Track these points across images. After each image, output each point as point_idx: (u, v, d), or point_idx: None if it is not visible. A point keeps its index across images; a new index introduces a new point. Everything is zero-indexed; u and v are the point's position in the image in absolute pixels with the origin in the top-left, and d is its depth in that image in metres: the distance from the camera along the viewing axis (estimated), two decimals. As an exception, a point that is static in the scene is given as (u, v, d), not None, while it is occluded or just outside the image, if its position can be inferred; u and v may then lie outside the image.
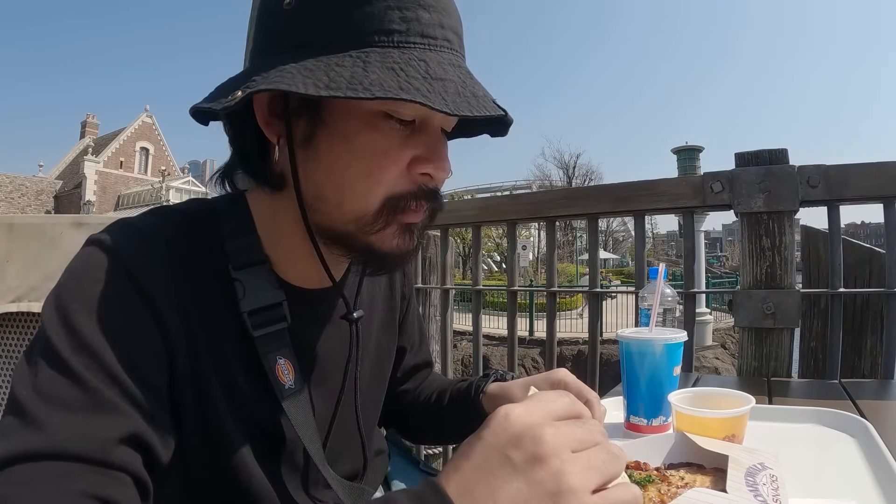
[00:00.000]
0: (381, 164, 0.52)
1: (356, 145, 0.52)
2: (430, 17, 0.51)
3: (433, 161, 0.54)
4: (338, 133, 0.52)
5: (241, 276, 0.55)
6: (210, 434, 0.53)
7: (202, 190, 39.16)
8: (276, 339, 0.56)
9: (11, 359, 1.48)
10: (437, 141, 0.55)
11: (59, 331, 0.45)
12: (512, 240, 1.92)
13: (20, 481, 0.39)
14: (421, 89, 0.47)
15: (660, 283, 0.86)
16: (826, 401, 0.96)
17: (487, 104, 0.51)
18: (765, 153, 1.45)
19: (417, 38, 0.50)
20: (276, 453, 0.58)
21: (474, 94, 0.50)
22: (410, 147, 0.53)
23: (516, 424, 0.37)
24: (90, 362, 0.44)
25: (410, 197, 0.54)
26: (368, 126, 0.51)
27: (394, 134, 0.52)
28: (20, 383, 0.44)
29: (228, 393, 0.54)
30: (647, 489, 0.51)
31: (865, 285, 1.74)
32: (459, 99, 0.48)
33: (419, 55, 0.49)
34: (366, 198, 0.53)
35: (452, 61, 0.52)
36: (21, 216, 1.69)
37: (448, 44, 0.52)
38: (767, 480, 0.50)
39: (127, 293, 0.48)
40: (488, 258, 25.20)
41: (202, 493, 0.55)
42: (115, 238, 0.51)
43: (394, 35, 0.49)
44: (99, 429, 0.42)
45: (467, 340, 9.58)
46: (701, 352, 10.41)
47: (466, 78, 0.52)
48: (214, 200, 0.61)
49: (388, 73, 0.47)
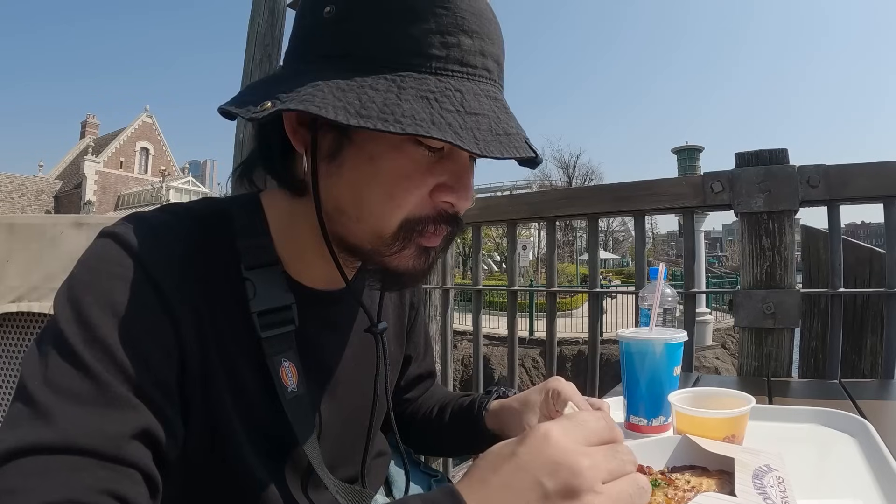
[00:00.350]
0: (405, 188, 0.51)
1: (381, 167, 0.51)
2: (472, 43, 0.50)
3: (457, 191, 0.53)
4: (364, 153, 0.51)
5: (252, 276, 0.55)
6: (214, 431, 0.53)
7: (202, 190, 39.20)
8: (283, 342, 0.56)
9: (11, 359, 1.48)
10: (464, 170, 0.54)
11: (71, 323, 0.45)
12: (512, 240, 1.92)
13: (31, 473, 0.39)
14: (454, 125, 0.46)
15: (660, 283, 0.86)
16: (826, 401, 0.96)
17: (519, 144, 0.50)
18: (765, 153, 1.45)
19: (456, 65, 0.49)
20: (278, 454, 0.58)
21: (507, 132, 0.49)
22: (436, 174, 0.52)
23: (554, 449, 0.36)
24: (102, 356, 0.44)
25: (429, 221, 0.53)
26: (396, 150, 0.51)
27: (421, 160, 0.51)
28: (31, 374, 0.44)
29: (234, 391, 0.54)
30: (653, 493, 0.50)
31: (865, 285, 1.74)
32: (491, 137, 0.47)
33: (456, 85, 0.48)
34: (385, 219, 0.52)
35: (489, 93, 0.51)
36: (21, 216, 1.69)
37: (487, 74, 0.51)
38: (775, 482, 0.50)
39: (140, 288, 0.48)
40: (488, 258, 25.19)
41: (204, 491, 0.55)
42: (130, 232, 0.50)
43: (432, 61, 0.48)
44: (110, 424, 0.42)
45: (467, 340, 9.58)
46: (701, 352, 10.40)
47: (501, 112, 0.50)
48: (227, 200, 0.61)
49: (422, 104, 0.46)
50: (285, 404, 0.55)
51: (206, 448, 0.53)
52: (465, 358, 9.99)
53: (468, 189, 0.54)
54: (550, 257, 1.89)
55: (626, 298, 10.52)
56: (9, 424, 0.42)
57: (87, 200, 33.76)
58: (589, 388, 1.67)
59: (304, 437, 0.56)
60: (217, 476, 0.55)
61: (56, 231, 1.43)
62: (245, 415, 0.55)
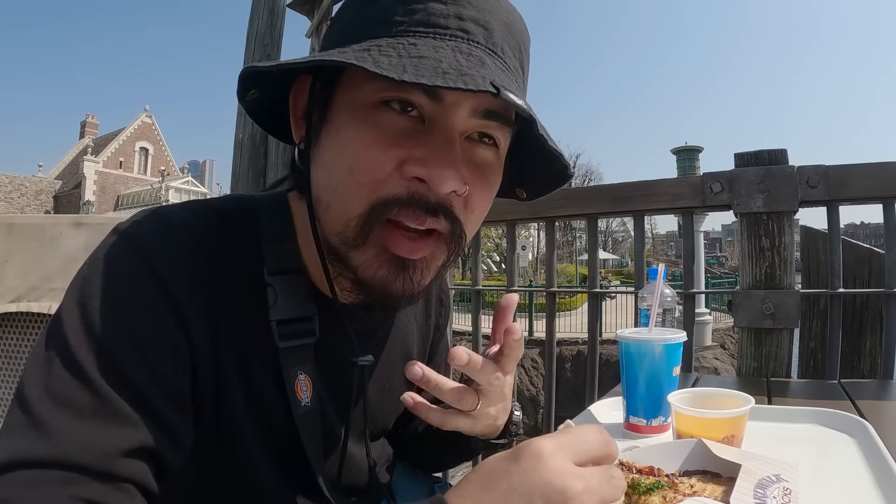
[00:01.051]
0: (364, 157, 0.46)
1: (344, 138, 0.48)
2: (445, 8, 0.47)
3: (430, 164, 0.46)
4: (333, 126, 0.49)
5: (274, 282, 0.52)
6: (226, 437, 0.52)
7: (202, 190, 39.18)
8: (301, 354, 0.54)
9: (11, 359, 1.48)
10: (447, 143, 0.47)
11: (77, 329, 0.44)
12: (511, 240, 1.92)
13: (22, 484, 0.38)
14: (380, 61, 0.42)
15: (659, 283, 0.86)
16: (825, 401, 0.96)
17: (470, 81, 0.41)
18: (764, 153, 1.45)
19: (420, 27, 0.46)
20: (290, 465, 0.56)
21: (460, 70, 0.42)
22: (407, 145, 0.46)
23: (547, 469, 0.36)
24: (106, 366, 0.43)
25: (399, 203, 0.47)
26: (360, 118, 0.47)
27: (387, 127, 0.47)
28: (31, 380, 0.42)
29: (250, 398, 0.52)
30: (653, 495, 0.50)
31: (865, 285, 1.75)
32: (427, 71, 0.41)
33: (413, 40, 0.45)
34: (349, 199, 0.48)
35: (462, 49, 0.45)
36: (21, 216, 1.69)
37: (465, 34, 0.47)
38: (779, 493, 0.49)
39: (151, 293, 0.46)
40: (488, 258, 25.20)
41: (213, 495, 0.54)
42: (143, 231, 0.48)
43: (394, 26, 0.47)
44: (108, 439, 0.41)
45: (467, 341, 9.53)
46: (700, 352, 10.40)
47: (465, 60, 0.44)
48: (256, 199, 0.58)
49: (361, 53, 0.44)
50: (297, 418, 0.53)
51: (217, 454, 0.52)
52: (464, 358, 9.97)
53: (444, 164, 0.46)
54: (550, 257, 1.89)
55: (626, 299, 10.52)
56: (6, 432, 0.41)
57: (87, 200, 33.75)
58: (588, 388, 1.67)
59: (313, 453, 0.55)
60: (227, 483, 0.54)
61: (55, 231, 1.43)
62: (259, 422, 0.53)
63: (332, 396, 0.59)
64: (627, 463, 0.56)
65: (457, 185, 0.48)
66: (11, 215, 1.67)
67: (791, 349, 1.43)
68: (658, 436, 0.78)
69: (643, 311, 1.07)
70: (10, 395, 0.45)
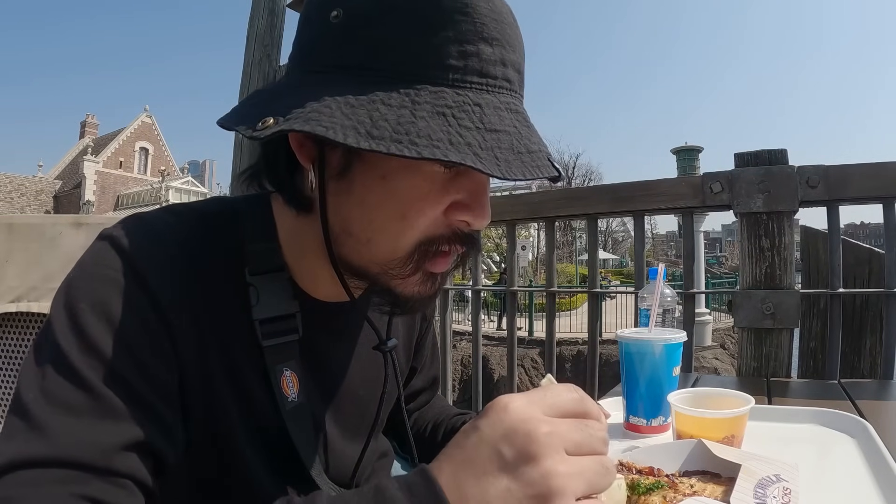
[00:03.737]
0: (419, 209, 0.48)
1: (394, 187, 0.48)
2: (493, 52, 0.46)
3: (473, 209, 0.50)
4: (376, 171, 0.48)
5: (256, 282, 0.53)
6: (216, 437, 0.53)
7: (202, 190, 39.18)
8: (285, 351, 0.55)
9: (11, 359, 1.48)
10: (481, 189, 0.51)
11: (67, 333, 0.45)
12: (511, 240, 1.92)
13: (23, 484, 0.39)
14: (473, 144, 0.43)
15: (659, 283, 0.86)
16: (825, 401, 0.96)
17: (542, 163, 0.47)
18: (764, 153, 1.45)
19: (475, 76, 0.46)
20: (281, 462, 0.57)
21: (529, 149, 0.46)
22: (452, 192, 0.49)
23: (512, 418, 0.36)
24: (98, 365, 0.44)
25: (444, 241, 0.51)
26: (410, 168, 0.47)
27: (435, 178, 0.48)
28: (26, 384, 0.43)
29: (238, 397, 0.53)
30: (653, 495, 0.51)
31: (865, 285, 1.74)
32: (513, 156, 0.44)
33: (475, 98, 0.45)
34: (397, 240, 0.49)
35: (510, 106, 0.48)
36: (21, 216, 1.70)
37: (508, 84, 0.48)
38: (779, 493, 0.49)
39: (136, 295, 0.47)
40: (487, 258, 25.20)
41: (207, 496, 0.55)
42: (128, 235, 0.49)
43: (449, 72, 0.45)
44: (104, 436, 0.42)
45: (466, 340, 9.58)
46: (700, 352, 10.41)
47: (523, 127, 0.47)
48: (238, 200, 0.59)
49: (439, 121, 0.43)
50: (285, 414, 0.54)
51: (207, 454, 0.53)
52: (464, 358, 9.98)
53: (485, 207, 0.51)
54: (550, 257, 1.89)
55: (626, 299, 10.52)
56: (6, 437, 0.42)
57: (87, 200, 33.74)
58: (588, 388, 1.67)
59: (303, 447, 0.56)
60: (220, 483, 0.54)
61: (55, 231, 1.43)
62: (249, 420, 0.54)
63: (317, 392, 0.60)
64: (627, 463, 0.56)
65: (488, 221, 0.52)
66: (11, 215, 1.67)
67: (791, 349, 1.43)
68: (658, 436, 0.78)
69: (643, 311, 1.07)
70: (10, 395, 0.45)
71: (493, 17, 0.47)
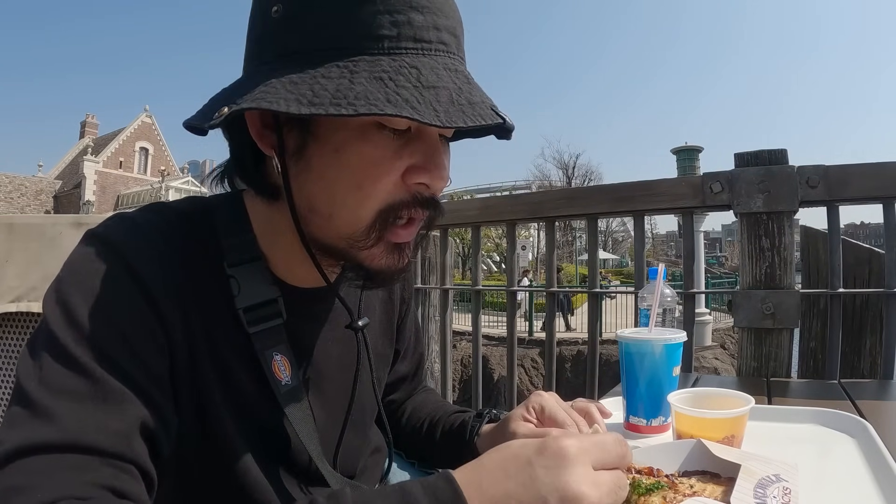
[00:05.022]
0: (373, 176, 0.50)
1: (347, 157, 0.50)
2: (424, 18, 0.49)
3: (429, 170, 0.52)
4: (328, 145, 0.50)
5: (235, 273, 0.55)
6: (207, 427, 0.54)
7: (202, 190, 39.06)
8: (272, 336, 0.56)
9: (11, 359, 1.48)
10: (435, 149, 0.52)
11: (61, 324, 0.46)
12: (511, 240, 1.92)
13: (35, 471, 0.39)
14: (410, 100, 0.45)
15: (659, 283, 0.86)
16: (825, 401, 0.96)
17: (484, 112, 0.48)
18: (764, 153, 1.45)
19: (409, 42, 0.48)
20: (273, 449, 0.58)
21: (470, 101, 0.48)
22: (405, 157, 0.51)
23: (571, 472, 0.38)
24: (95, 353, 0.45)
25: (404, 206, 0.52)
26: (359, 137, 0.50)
27: (387, 144, 0.50)
28: (26, 377, 0.44)
29: (225, 387, 0.54)
30: (653, 495, 0.51)
31: (865, 285, 1.74)
32: (453, 108, 0.46)
33: (411, 61, 0.47)
34: (357, 211, 0.51)
35: (448, 65, 0.50)
36: (21, 216, 1.69)
37: (444, 46, 0.50)
38: (779, 493, 0.49)
39: (125, 284, 0.48)
40: (488, 258, 25.20)
41: (198, 487, 0.56)
42: (113, 231, 0.51)
43: (384, 41, 0.47)
44: (109, 420, 0.43)
45: (466, 340, 9.57)
46: (700, 352, 10.41)
47: (463, 83, 0.49)
48: (210, 199, 0.61)
49: (376, 84, 0.45)
50: (280, 397, 0.56)
51: (198, 444, 0.54)
52: (464, 358, 9.99)
53: (441, 167, 0.52)
54: (550, 258, 1.89)
55: (626, 299, 10.53)
56: (9, 426, 0.42)
57: (87, 200, 33.75)
58: (588, 388, 1.67)
59: (301, 430, 0.57)
60: (213, 470, 0.55)
61: (55, 231, 1.43)
62: (237, 410, 0.55)
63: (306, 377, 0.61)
64: None
65: (446, 181, 0.54)
66: (11, 215, 1.67)
67: (791, 349, 1.43)
68: (658, 436, 0.78)
69: (643, 311, 1.07)
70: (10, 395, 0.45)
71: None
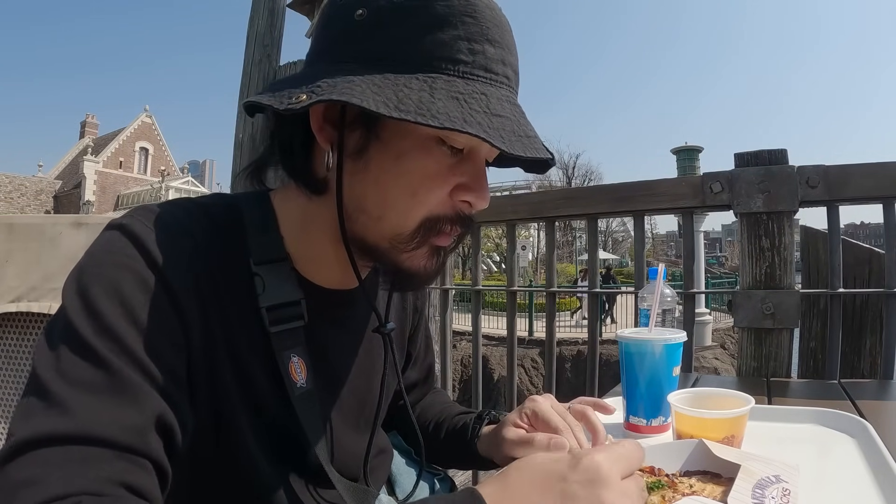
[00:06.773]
0: (428, 187, 0.53)
1: (406, 165, 0.53)
2: (496, 52, 0.52)
3: (475, 191, 0.55)
4: (391, 150, 0.53)
5: (261, 272, 0.55)
6: (220, 425, 0.53)
7: (202, 190, 39.18)
8: (292, 337, 0.57)
9: (11, 359, 1.48)
10: (482, 172, 0.56)
11: (80, 314, 0.46)
12: (511, 240, 1.92)
13: (49, 463, 0.39)
14: (483, 123, 0.48)
15: (659, 283, 0.86)
16: (825, 401, 0.96)
17: (538, 146, 0.53)
18: (764, 153, 1.45)
19: (481, 71, 0.52)
20: (283, 449, 0.58)
21: (527, 133, 0.52)
22: (457, 174, 0.55)
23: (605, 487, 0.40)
24: (113, 345, 0.45)
25: (447, 221, 0.55)
26: (422, 149, 0.53)
27: (444, 159, 0.54)
28: (43, 366, 0.44)
29: (242, 386, 0.54)
30: (653, 494, 0.51)
31: (865, 285, 1.74)
32: (514, 138, 0.50)
33: (481, 88, 0.51)
34: (406, 216, 0.54)
35: (510, 99, 0.53)
36: (21, 216, 1.70)
37: (507, 81, 0.54)
38: (778, 494, 0.49)
39: (147, 279, 0.48)
40: (488, 258, 25.19)
41: (211, 486, 0.55)
42: (137, 224, 0.51)
43: (460, 65, 0.51)
44: (125, 413, 0.43)
45: (467, 341, 9.57)
46: (700, 352, 10.40)
47: (520, 117, 0.53)
48: (238, 196, 0.61)
49: (453, 103, 0.48)
50: (294, 400, 0.55)
51: (211, 441, 0.53)
52: (464, 358, 9.98)
53: (485, 189, 0.56)
54: (550, 257, 1.89)
55: (626, 299, 10.52)
56: (23, 415, 0.42)
57: (87, 200, 33.73)
58: (588, 388, 1.67)
59: (312, 433, 0.57)
60: (223, 471, 0.55)
61: (55, 231, 1.43)
62: (252, 409, 0.55)
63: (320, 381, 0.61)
64: None
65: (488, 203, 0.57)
66: (11, 215, 1.67)
67: (791, 349, 1.43)
68: (658, 436, 0.78)
69: (643, 311, 1.07)
70: (10, 395, 0.45)
71: (496, 23, 0.53)
